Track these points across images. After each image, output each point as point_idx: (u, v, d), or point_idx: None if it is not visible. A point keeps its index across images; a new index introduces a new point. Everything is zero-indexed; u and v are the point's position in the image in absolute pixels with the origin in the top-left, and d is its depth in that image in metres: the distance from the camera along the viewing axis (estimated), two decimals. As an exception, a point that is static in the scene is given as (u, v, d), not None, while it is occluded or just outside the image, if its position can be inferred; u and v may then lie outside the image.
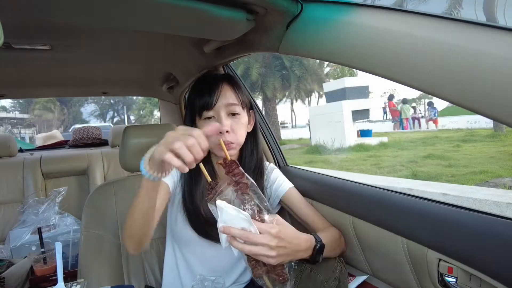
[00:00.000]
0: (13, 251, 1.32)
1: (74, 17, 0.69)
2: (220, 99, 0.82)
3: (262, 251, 0.64)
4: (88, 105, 27.45)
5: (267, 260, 0.65)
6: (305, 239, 0.72)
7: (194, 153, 0.56)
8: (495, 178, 4.33)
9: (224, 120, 0.81)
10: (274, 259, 0.65)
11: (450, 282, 0.60)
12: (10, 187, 1.90)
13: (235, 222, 0.63)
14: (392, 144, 8.46)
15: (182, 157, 0.55)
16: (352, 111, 9.36)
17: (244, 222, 0.63)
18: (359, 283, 0.79)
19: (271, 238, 0.64)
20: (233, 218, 0.63)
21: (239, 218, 0.63)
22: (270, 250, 0.64)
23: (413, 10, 0.49)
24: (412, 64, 0.46)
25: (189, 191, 0.87)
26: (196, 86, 0.88)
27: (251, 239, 0.63)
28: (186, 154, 0.55)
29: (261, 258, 0.65)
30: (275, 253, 0.64)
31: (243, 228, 0.63)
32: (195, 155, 0.56)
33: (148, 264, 1.05)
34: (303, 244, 0.71)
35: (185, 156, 0.55)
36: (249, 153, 0.91)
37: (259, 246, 0.63)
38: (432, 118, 12.45)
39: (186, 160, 0.56)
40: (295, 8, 0.66)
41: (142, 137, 1.07)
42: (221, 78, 0.86)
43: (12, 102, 25.32)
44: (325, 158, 7.77)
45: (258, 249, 0.64)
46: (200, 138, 0.57)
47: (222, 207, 0.63)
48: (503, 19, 8.18)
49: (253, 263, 0.70)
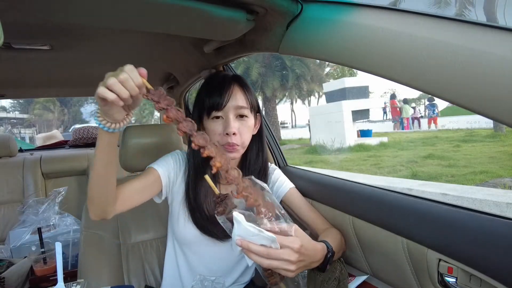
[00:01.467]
0: (13, 251, 1.32)
1: (74, 17, 0.69)
2: (230, 100, 0.81)
3: (282, 266, 0.61)
4: (88, 105, 27.46)
5: (285, 273, 0.63)
6: (320, 249, 0.70)
7: (128, 88, 0.57)
8: (495, 178, 4.33)
9: (232, 122, 0.80)
10: (293, 273, 0.63)
11: (450, 282, 0.60)
12: (10, 187, 1.90)
13: (255, 239, 0.61)
14: (392, 144, 8.46)
15: (116, 92, 0.56)
16: (352, 111, 9.37)
17: (266, 240, 0.60)
18: (359, 283, 0.79)
19: (292, 253, 0.61)
20: (252, 235, 0.60)
21: (260, 236, 0.60)
22: (290, 265, 0.62)
23: (413, 10, 0.49)
24: (412, 64, 0.46)
25: (194, 188, 0.86)
26: (207, 85, 0.87)
27: (272, 255, 0.60)
28: (120, 89, 0.56)
29: (278, 271, 0.63)
30: (295, 268, 0.62)
31: (262, 245, 0.61)
32: (130, 90, 0.57)
33: (148, 264, 1.05)
34: (319, 254, 0.69)
35: (119, 91, 0.56)
36: (254, 156, 0.91)
37: (280, 261, 0.61)
38: (431, 116, 12.38)
39: (121, 95, 0.57)
40: (295, 8, 0.66)
41: (142, 137, 1.07)
42: (232, 79, 0.85)
43: (12, 102, 25.32)
44: (325, 158, 7.78)
45: (278, 263, 0.61)
46: (132, 73, 0.58)
47: (239, 220, 0.61)
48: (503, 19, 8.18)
49: (269, 273, 0.68)
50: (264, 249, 0.60)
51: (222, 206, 0.66)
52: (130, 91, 0.57)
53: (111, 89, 0.57)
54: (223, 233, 0.88)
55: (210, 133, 0.83)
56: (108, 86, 0.56)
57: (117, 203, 0.74)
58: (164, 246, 0.99)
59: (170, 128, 1.18)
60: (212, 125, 0.82)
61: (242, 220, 0.61)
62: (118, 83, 0.57)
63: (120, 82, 0.57)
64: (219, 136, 0.81)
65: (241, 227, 0.61)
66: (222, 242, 0.89)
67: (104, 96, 0.57)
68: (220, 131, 0.81)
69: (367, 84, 10.65)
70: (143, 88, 0.60)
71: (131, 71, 0.58)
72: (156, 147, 1.11)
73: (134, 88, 0.58)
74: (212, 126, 0.82)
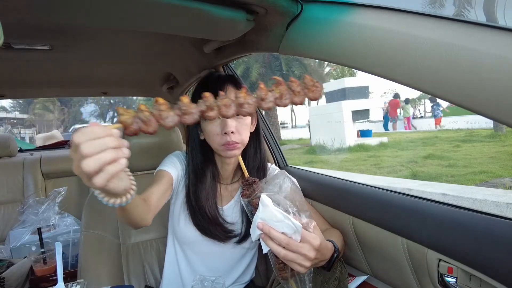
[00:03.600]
0: (13, 251, 1.32)
1: (74, 17, 0.69)
2: None
3: (298, 260, 0.61)
4: (88, 105, 27.46)
5: (298, 268, 0.62)
6: (330, 249, 0.70)
7: (118, 169, 0.42)
8: (495, 178, 4.33)
9: (229, 122, 0.81)
10: (306, 269, 0.63)
11: (450, 282, 0.60)
12: (10, 187, 1.90)
13: (277, 225, 0.60)
14: (392, 144, 8.45)
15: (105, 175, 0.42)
16: (352, 111, 9.37)
17: (289, 229, 0.60)
18: (359, 283, 0.79)
19: (311, 249, 0.61)
20: (277, 221, 0.60)
21: (284, 223, 0.60)
22: (306, 261, 0.61)
23: (413, 10, 0.49)
24: (412, 64, 0.46)
25: (194, 190, 0.87)
26: (201, 87, 0.88)
27: (291, 246, 0.60)
28: (110, 173, 0.41)
29: (292, 264, 0.62)
30: (310, 264, 0.62)
31: (284, 233, 0.60)
32: (118, 168, 0.42)
33: (148, 264, 1.05)
34: (329, 253, 0.69)
35: (109, 175, 0.42)
36: (253, 153, 0.91)
37: (297, 254, 0.61)
38: (438, 116, 12.30)
39: (110, 183, 0.43)
40: (295, 8, 0.66)
41: (142, 137, 1.07)
42: (226, 79, 0.86)
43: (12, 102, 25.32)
44: (325, 158, 7.77)
45: (295, 256, 0.61)
46: (120, 147, 0.43)
47: (266, 204, 0.60)
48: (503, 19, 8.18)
49: (281, 266, 0.68)
50: (285, 237, 0.60)
51: (249, 189, 0.65)
52: (118, 169, 0.42)
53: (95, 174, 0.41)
54: (224, 234, 0.88)
55: (209, 134, 0.83)
56: (90, 172, 0.40)
57: (150, 215, 0.75)
58: (164, 246, 0.99)
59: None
60: (209, 126, 0.83)
61: (270, 204, 0.60)
62: (106, 167, 0.41)
63: (108, 163, 0.41)
64: (218, 136, 0.81)
65: (266, 210, 0.60)
66: (223, 243, 0.89)
67: (93, 185, 0.42)
68: (218, 132, 0.81)
69: (367, 84, 10.65)
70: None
71: (118, 145, 0.43)
72: (156, 147, 1.11)
73: (123, 166, 0.43)
74: (209, 127, 0.83)
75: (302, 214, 0.65)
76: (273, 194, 0.64)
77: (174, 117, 0.46)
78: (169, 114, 0.46)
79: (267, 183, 0.68)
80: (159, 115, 0.46)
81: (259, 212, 0.61)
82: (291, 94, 0.52)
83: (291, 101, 0.52)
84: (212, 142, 0.84)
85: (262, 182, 0.67)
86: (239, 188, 0.93)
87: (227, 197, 0.93)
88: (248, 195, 0.65)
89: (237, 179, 0.95)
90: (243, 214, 0.91)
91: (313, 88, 0.53)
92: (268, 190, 0.66)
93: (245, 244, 0.93)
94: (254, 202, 0.66)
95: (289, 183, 0.69)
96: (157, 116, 0.46)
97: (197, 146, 0.89)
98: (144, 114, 0.45)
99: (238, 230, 0.90)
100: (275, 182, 0.68)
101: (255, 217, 0.62)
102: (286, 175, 0.69)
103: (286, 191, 0.67)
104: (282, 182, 0.68)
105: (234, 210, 0.92)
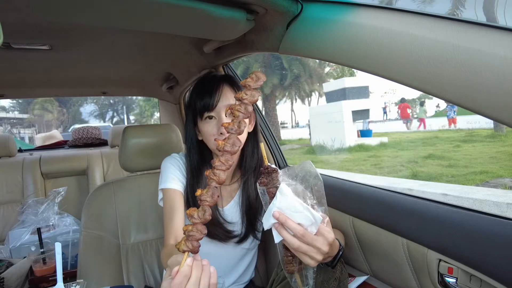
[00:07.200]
0: (12, 251, 1.32)
1: (74, 17, 0.69)
2: (221, 100, 0.82)
3: (311, 252, 0.60)
4: (88, 105, 27.43)
5: (309, 261, 0.61)
6: (337, 246, 0.69)
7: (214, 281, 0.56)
8: (495, 178, 4.33)
9: (225, 121, 0.81)
10: (316, 263, 0.62)
11: (450, 283, 0.60)
12: (9, 187, 1.90)
13: (295, 216, 0.59)
14: (392, 145, 8.46)
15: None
16: (352, 111, 9.37)
17: (306, 220, 0.59)
18: (359, 284, 0.79)
19: (325, 243, 0.60)
20: (295, 211, 0.59)
21: (303, 214, 0.59)
22: (318, 254, 0.60)
23: (413, 10, 0.48)
24: (411, 64, 0.46)
25: (191, 191, 0.87)
26: (197, 88, 0.88)
27: (306, 238, 0.59)
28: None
29: (303, 257, 0.61)
30: (321, 258, 0.61)
31: (300, 224, 0.59)
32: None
33: (148, 265, 1.05)
34: (336, 250, 0.69)
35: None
36: (250, 153, 0.91)
37: (311, 247, 0.60)
38: (452, 117, 12.28)
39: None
40: (295, 8, 0.66)
41: (142, 137, 1.07)
42: (221, 79, 0.86)
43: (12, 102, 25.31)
44: (325, 158, 7.78)
45: (308, 249, 0.60)
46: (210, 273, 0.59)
47: (286, 193, 0.59)
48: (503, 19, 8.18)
49: (289, 259, 0.67)
50: (301, 228, 0.59)
51: (267, 178, 0.65)
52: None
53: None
54: (224, 234, 0.88)
55: (205, 134, 0.83)
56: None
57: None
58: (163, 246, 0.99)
59: (169, 128, 1.18)
60: (206, 126, 0.83)
61: (290, 194, 0.59)
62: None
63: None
64: (215, 136, 0.81)
65: (285, 200, 0.59)
66: (223, 243, 0.89)
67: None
68: (215, 132, 0.82)
69: (367, 84, 10.65)
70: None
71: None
72: (156, 147, 1.11)
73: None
74: (206, 127, 0.83)
75: (319, 208, 0.64)
76: (294, 184, 0.63)
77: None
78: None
79: (289, 172, 0.66)
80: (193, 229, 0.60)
81: (275, 201, 0.60)
82: (243, 106, 0.61)
83: (245, 111, 0.61)
84: (209, 142, 0.84)
85: (282, 172, 0.66)
86: (238, 188, 0.93)
87: (227, 197, 0.93)
88: (266, 183, 0.65)
89: (236, 179, 0.94)
90: (243, 215, 0.91)
91: (254, 85, 0.59)
92: (287, 180, 0.65)
93: (245, 245, 0.92)
94: (270, 191, 0.65)
95: (312, 174, 0.67)
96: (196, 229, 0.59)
97: (195, 146, 0.89)
98: (188, 231, 0.58)
99: (238, 231, 0.90)
100: (297, 172, 0.67)
101: (271, 205, 0.61)
102: (311, 166, 0.67)
103: (307, 182, 0.66)
104: (304, 173, 0.67)
105: (234, 210, 0.92)
